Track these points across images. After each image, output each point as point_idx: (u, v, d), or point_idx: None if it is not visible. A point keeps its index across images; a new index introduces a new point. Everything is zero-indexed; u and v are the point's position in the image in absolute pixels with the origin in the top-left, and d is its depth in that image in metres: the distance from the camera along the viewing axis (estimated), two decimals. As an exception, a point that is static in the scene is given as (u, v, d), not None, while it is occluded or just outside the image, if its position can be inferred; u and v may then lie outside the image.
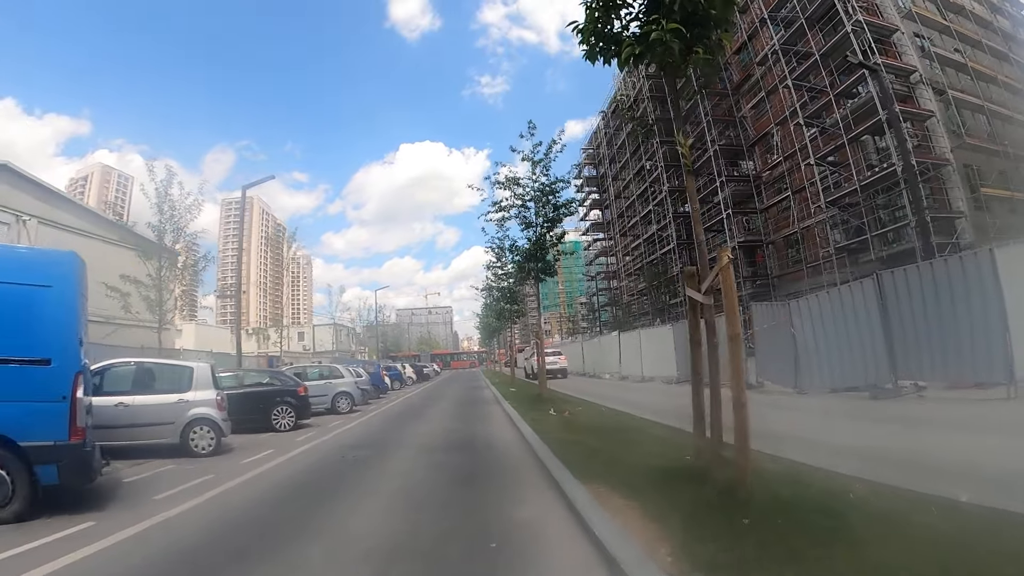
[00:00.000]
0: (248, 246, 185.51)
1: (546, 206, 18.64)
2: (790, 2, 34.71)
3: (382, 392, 30.79)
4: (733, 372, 5.59)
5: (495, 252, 30.56)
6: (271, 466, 9.74)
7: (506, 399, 19.99)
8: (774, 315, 18.23)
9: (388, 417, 18.92)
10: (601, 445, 9.40)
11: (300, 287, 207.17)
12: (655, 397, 18.97)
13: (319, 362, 32.08)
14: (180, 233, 24.99)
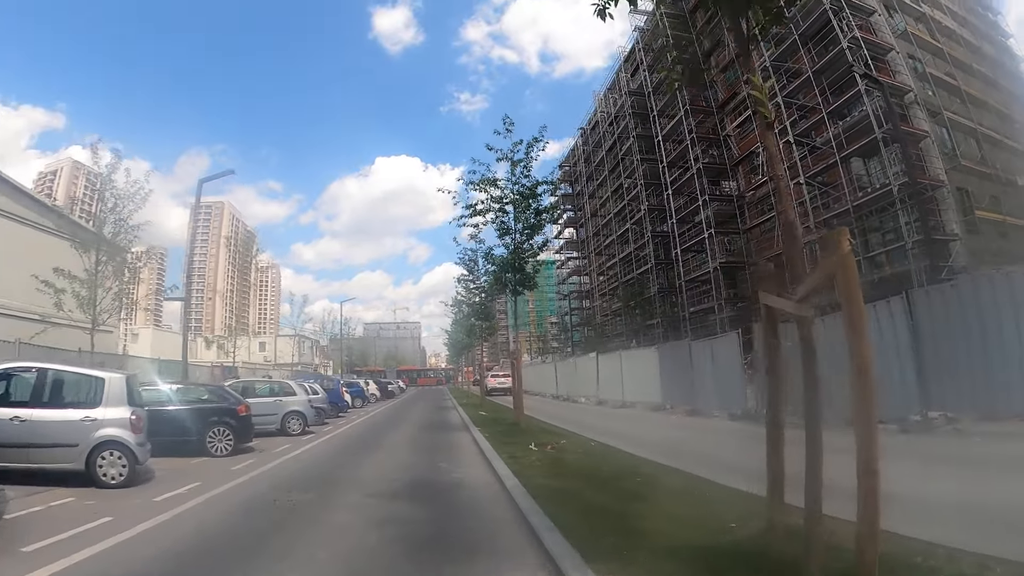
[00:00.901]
0: (216, 252, 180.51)
1: (526, 211, 16.60)
2: (781, 18, 33.37)
3: (342, 411, 28.20)
4: (861, 421, 3.54)
5: (467, 265, 28.74)
6: (185, 509, 7.67)
7: (476, 425, 17.64)
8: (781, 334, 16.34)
9: (342, 443, 16.43)
10: (605, 499, 7.25)
11: (267, 296, 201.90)
12: (646, 428, 16.89)
13: (269, 376, 29.45)
14: (122, 225, 22.18)
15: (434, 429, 19.37)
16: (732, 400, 17.42)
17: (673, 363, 21.17)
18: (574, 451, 11.66)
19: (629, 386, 24.25)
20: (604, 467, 9.70)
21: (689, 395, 19.70)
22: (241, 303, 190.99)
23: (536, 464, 10.05)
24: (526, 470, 9.39)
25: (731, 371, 17.76)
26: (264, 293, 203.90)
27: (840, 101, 30.59)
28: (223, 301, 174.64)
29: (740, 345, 17.83)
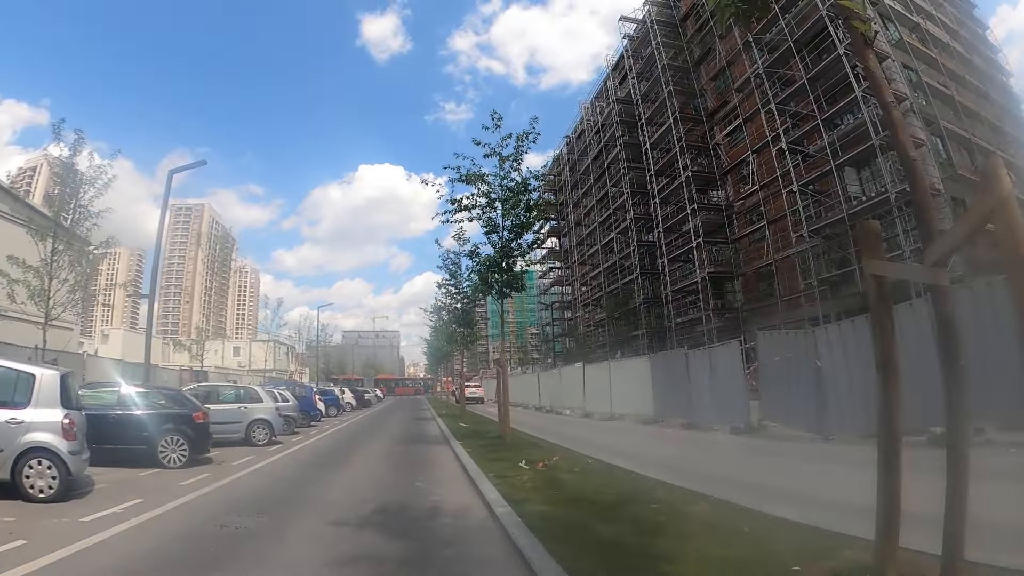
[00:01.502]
0: (194, 254, 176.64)
1: (515, 207, 15.23)
2: (776, 25, 32.68)
3: (314, 419, 26.48)
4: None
5: (449, 269, 27.20)
6: (112, 535, 6.27)
7: (457, 437, 16.04)
8: (787, 345, 15.09)
9: (311, 456, 14.74)
10: (622, 533, 5.83)
11: (246, 301, 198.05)
12: (643, 442, 15.50)
13: (234, 381, 27.68)
14: (83, 212, 20.27)
15: (412, 442, 17.71)
16: (734, 413, 16.11)
17: (667, 373, 19.85)
18: (570, 469, 10.18)
19: (618, 397, 22.87)
20: (610, 490, 8.24)
21: (685, 407, 18.39)
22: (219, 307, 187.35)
23: (529, 486, 8.57)
24: (518, 493, 7.92)
25: (732, 382, 16.46)
26: (243, 298, 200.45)
27: (836, 108, 29.79)
28: (200, 305, 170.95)
29: (742, 354, 16.57)
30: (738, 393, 16.17)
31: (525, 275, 16.30)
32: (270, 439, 17.48)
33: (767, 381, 15.62)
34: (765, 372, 15.67)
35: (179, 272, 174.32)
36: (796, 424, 14.30)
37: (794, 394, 14.44)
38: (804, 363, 14.07)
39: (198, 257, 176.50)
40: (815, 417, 13.58)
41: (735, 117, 37.92)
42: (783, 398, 14.92)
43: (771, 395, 15.44)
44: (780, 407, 15.07)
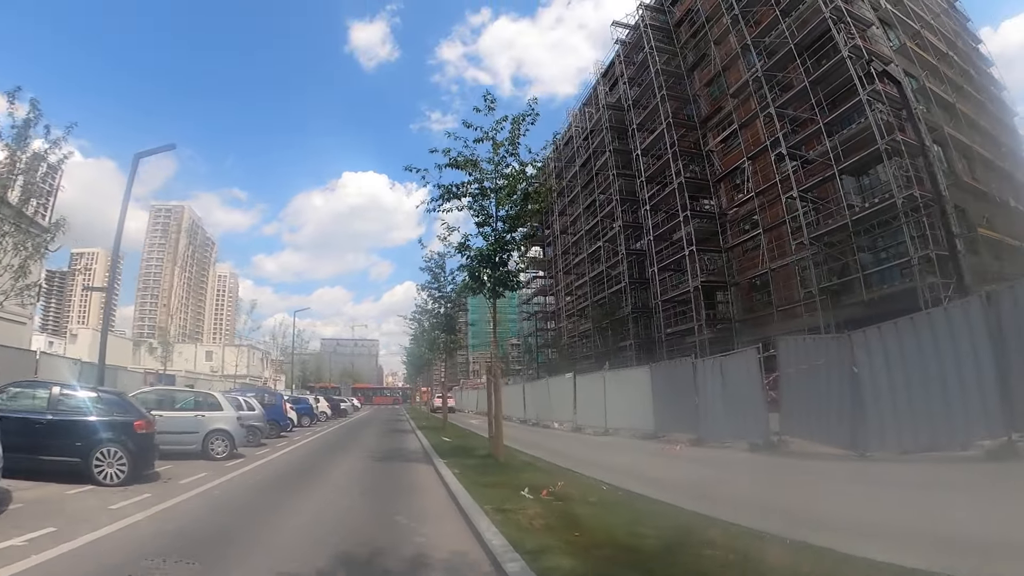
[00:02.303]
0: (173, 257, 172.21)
1: (511, 195, 13.38)
2: (776, 28, 31.42)
3: (284, 429, 24.28)
4: None
5: (432, 271, 25.20)
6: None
7: (441, 455, 13.99)
8: (815, 352, 13.38)
9: (274, 474, 12.58)
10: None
11: (224, 306, 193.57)
12: (653, 462, 13.67)
13: (191, 386, 25.41)
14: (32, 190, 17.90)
15: (390, 459, 15.55)
16: (751, 428, 14.40)
17: (670, 385, 18.07)
18: (584, 499, 8.25)
19: (614, 411, 21.02)
20: (645, 529, 6.34)
21: (691, 421, 16.60)
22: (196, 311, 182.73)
23: (540, 524, 6.63)
24: (529, 537, 5.97)
25: (749, 394, 14.74)
26: (220, 302, 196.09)
27: (838, 112, 28.51)
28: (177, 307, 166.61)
29: (760, 363, 14.81)
30: (756, 406, 14.47)
31: (520, 271, 14.34)
32: (230, 452, 15.37)
33: (789, 392, 13.90)
34: (787, 382, 13.96)
35: (157, 274, 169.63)
36: (825, 439, 12.64)
37: (823, 406, 12.77)
38: (837, 371, 12.41)
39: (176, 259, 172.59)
40: (849, 431, 11.94)
41: (729, 123, 36.59)
42: (809, 411, 13.23)
43: (794, 408, 13.73)
44: (805, 421, 13.37)
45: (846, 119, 28.85)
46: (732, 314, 35.99)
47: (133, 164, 21.08)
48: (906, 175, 25.78)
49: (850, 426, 11.96)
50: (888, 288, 26.09)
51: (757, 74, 31.71)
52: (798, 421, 13.59)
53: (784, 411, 14.07)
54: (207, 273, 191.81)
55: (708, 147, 38.61)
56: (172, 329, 55.26)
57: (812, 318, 27.36)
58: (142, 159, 20.48)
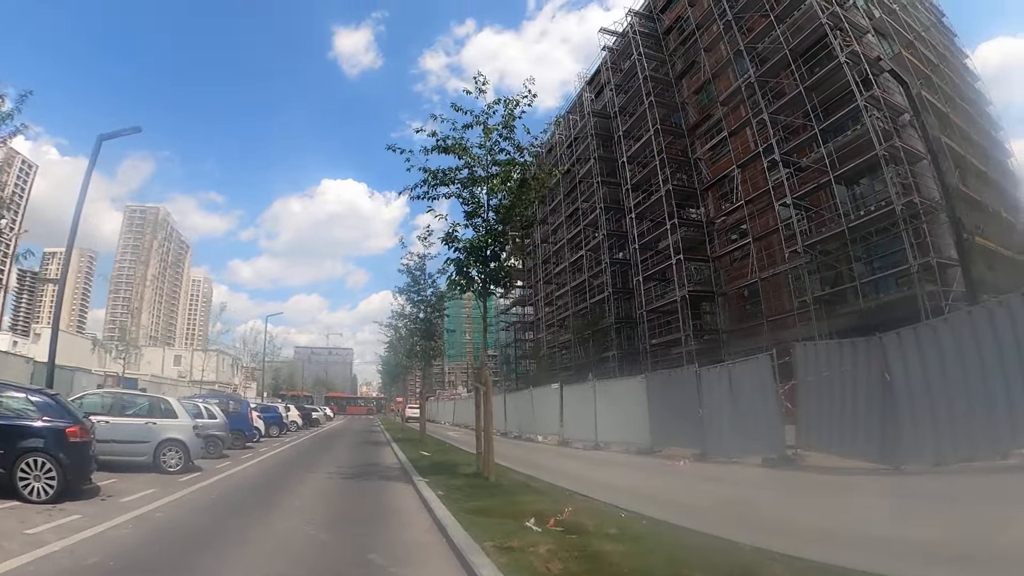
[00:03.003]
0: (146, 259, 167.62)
1: (505, 181, 11.85)
2: (770, 35, 30.55)
3: (250, 440, 22.33)
4: None
5: (412, 273, 23.48)
6: None
7: (421, 473, 12.15)
8: (836, 358, 11.98)
9: (230, 493, 10.72)
10: None
11: (197, 311, 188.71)
12: (662, 480, 12.11)
13: (143, 389, 23.42)
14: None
15: (363, 476, 13.62)
16: (763, 441, 12.98)
17: (670, 395, 16.58)
18: (602, 530, 6.55)
19: (605, 424, 19.44)
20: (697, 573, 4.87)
21: (694, 435, 15.11)
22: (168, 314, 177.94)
23: (559, 567, 4.98)
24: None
25: (762, 404, 13.31)
26: (194, 307, 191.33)
27: (833, 119, 27.55)
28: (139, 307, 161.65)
29: (774, 371, 13.40)
30: (770, 418, 13.06)
31: (513, 268, 12.70)
32: (185, 465, 13.54)
33: (808, 402, 12.48)
34: (805, 391, 12.55)
35: (130, 276, 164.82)
36: (849, 452, 11.30)
37: (848, 416, 11.43)
38: (865, 377, 11.07)
39: (150, 262, 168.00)
40: (878, 443, 10.60)
41: (718, 131, 35.60)
42: (831, 422, 11.85)
43: (813, 419, 12.32)
44: (826, 433, 11.99)
45: (838, 127, 27.96)
46: (719, 325, 34.78)
47: (96, 146, 19.35)
48: (903, 182, 24.92)
49: (879, 437, 10.65)
50: (885, 297, 25.11)
51: (750, 80, 30.74)
52: (817, 433, 12.21)
53: (801, 423, 12.65)
54: (181, 277, 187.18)
55: (696, 155, 37.56)
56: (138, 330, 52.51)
57: (806, 327, 26.20)
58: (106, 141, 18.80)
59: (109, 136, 19.79)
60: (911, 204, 23.85)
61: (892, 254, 25.94)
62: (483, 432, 11.38)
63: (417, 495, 9.87)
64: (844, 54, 26.77)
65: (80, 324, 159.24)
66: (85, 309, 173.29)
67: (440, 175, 12.00)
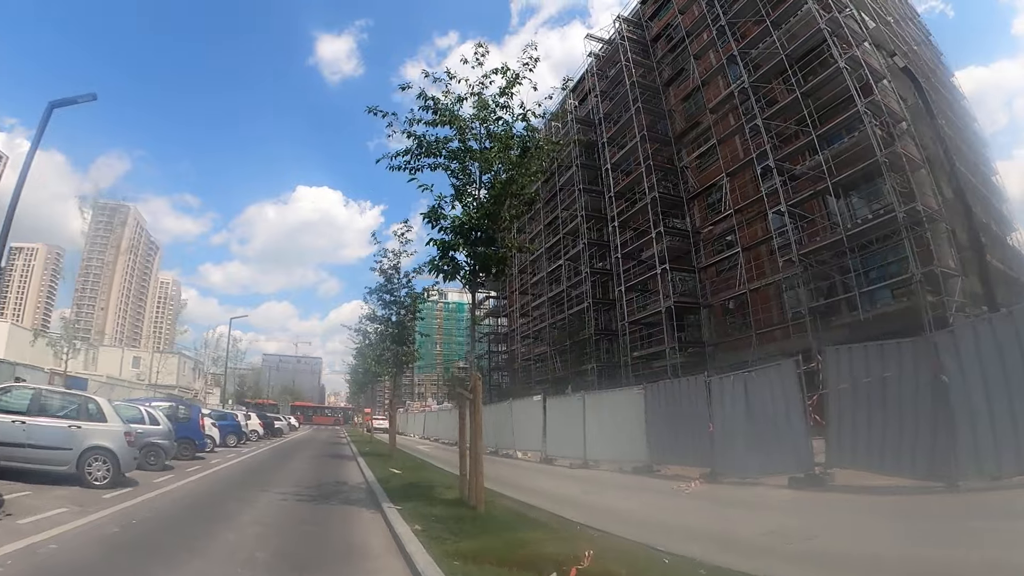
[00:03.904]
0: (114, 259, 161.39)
1: (505, 149, 9.93)
2: (765, 40, 29.40)
3: (201, 449, 19.90)
4: None
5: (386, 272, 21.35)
6: None
7: (393, 498, 9.79)
8: (876, 362, 10.20)
9: (157, 517, 8.34)
10: None
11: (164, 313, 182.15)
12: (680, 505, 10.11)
13: (66, 386, 20.85)
14: None
15: (323, 499, 11.06)
16: (787, 459, 11.13)
17: (672, 408, 14.68)
18: None
19: (596, 439, 17.40)
20: None
21: (702, 452, 13.22)
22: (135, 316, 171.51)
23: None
24: None
25: (785, 416, 11.48)
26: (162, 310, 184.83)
27: (829, 126, 26.37)
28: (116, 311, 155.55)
29: (800, 379, 11.63)
30: (796, 432, 11.25)
31: (510, 252, 10.66)
32: (114, 478, 11.32)
33: (841, 413, 10.68)
34: (837, 401, 10.75)
35: (97, 275, 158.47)
36: (893, 468, 9.58)
37: (890, 427, 9.69)
38: (912, 383, 9.38)
39: (117, 263, 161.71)
40: (927, 457, 8.90)
41: (706, 139, 34.29)
42: (870, 434, 10.08)
43: (847, 432, 10.55)
44: (863, 447, 10.23)
45: (831, 136, 26.86)
46: (705, 337, 33.20)
47: (46, 113, 17.26)
48: (902, 190, 23.82)
49: (929, 450, 8.97)
50: (881, 308, 23.79)
51: (744, 85, 29.47)
52: (852, 448, 10.43)
53: (832, 437, 10.84)
54: (149, 278, 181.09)
55: (682, 163, 36.18)
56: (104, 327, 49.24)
57: (800, 339, 24.79)
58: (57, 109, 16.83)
59: (61, 103, 17.63)
60: (913, 211, 22.67)
61: (887, 265, 24.83)
62: (470, 451, 9.29)
63: (387, 528, 7.71)
64: (844, 59, 25.64)
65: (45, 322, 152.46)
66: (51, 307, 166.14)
67: (427, 145, 10.04)
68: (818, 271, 26.08)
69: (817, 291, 26.22)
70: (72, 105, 17.86)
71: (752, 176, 30.28)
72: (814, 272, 25.96)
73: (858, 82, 25.40)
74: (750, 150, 29.92)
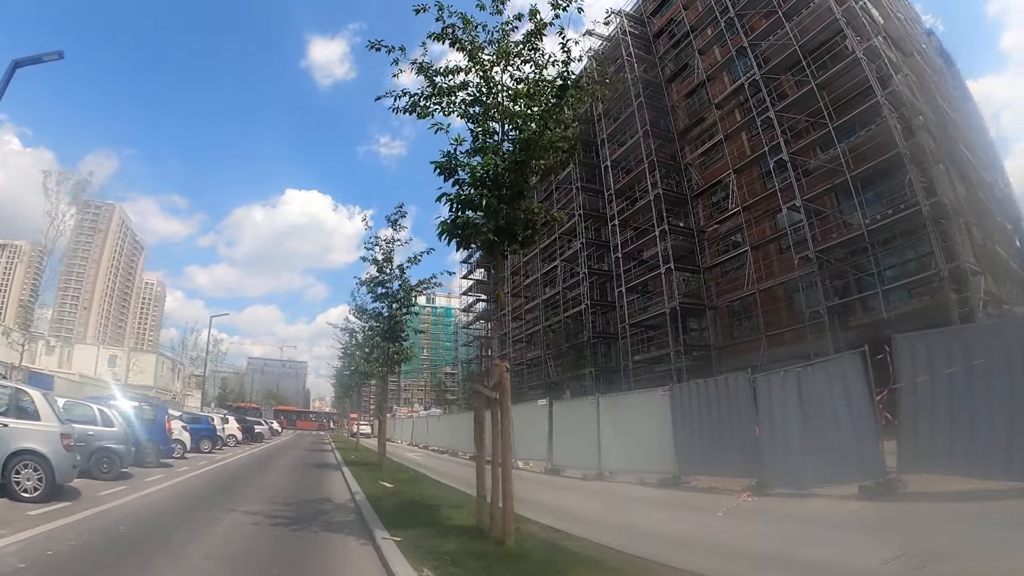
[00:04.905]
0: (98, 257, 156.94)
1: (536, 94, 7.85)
2: (775, 33, 27.82)
3: (166, 455, 17.49)
4: None
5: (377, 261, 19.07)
6: None
7: (389, 524, 7.67)
8: (963, 348, 8.48)
9: (87, 547, 6.20)
10: None
11: (149, 314, 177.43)
12: (748, 527, 8.38)
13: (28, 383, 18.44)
14: None
15: (300, 522, 8.55)
16: (854, 465, 9.35)
17: (705, 411, 12.68)
18: None
19: (612, 448, 15.28)
20: None
21: (746, 460, 11.25)
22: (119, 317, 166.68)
23: None
24: None
25: (848, 417, 9.72)
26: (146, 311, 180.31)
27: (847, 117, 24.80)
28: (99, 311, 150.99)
29: (867, 373, 9.66)
30: (863, 434, 9.48)
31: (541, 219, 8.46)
32: (47, 489, 9.18)
33: (919, 410, 8.96)
34: (914, 396, 9.03)
35: (80, 274, 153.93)
36: (988, 471, 7.99)
37: (982, 423, 8.05)
38: (1006, 370, 7.79)
39: (101, 261, 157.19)
40: None
41: (710, 136, 32.61)
42: (956, 432, 8.41)
43: (926, 431, 8.87)
44: (944, 447, 8.53)
45: (846, 131, 25.25)
46: (711, 340, 31.29)
47: (8, 72, 15.20)
48: (924, 185, 22.24)
49: None
50: (904, 306, 22.15)
51: (755, 77, 27.79)
52: (931, 450, 8.75)
53: (907, 438, 9.12)
54: (133, 278, 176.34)
55: (686, 160, 34.42)
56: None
57: (817, 341, 23.05)
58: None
59: (26, 62, 15.52)
60: (938, 205, 21.02)
61: (905, 263, 23.35)
62: (497, 465, 7.06)
63: (383, 570, 5.60)
64: (861, 49, 24.03)
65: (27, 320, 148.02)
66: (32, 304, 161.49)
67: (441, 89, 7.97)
68: (835, 269, 24.35)
69: (834, 289, 24.51)
70: (37, 64, 15.82)
71: (760, 173, 28.70)
72: (838, 268, 24.29)
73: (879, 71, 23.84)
74: (758, 145, 28.38)
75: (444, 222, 7.93)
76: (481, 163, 7.54)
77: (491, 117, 7.91)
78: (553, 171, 8.27)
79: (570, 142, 8.06)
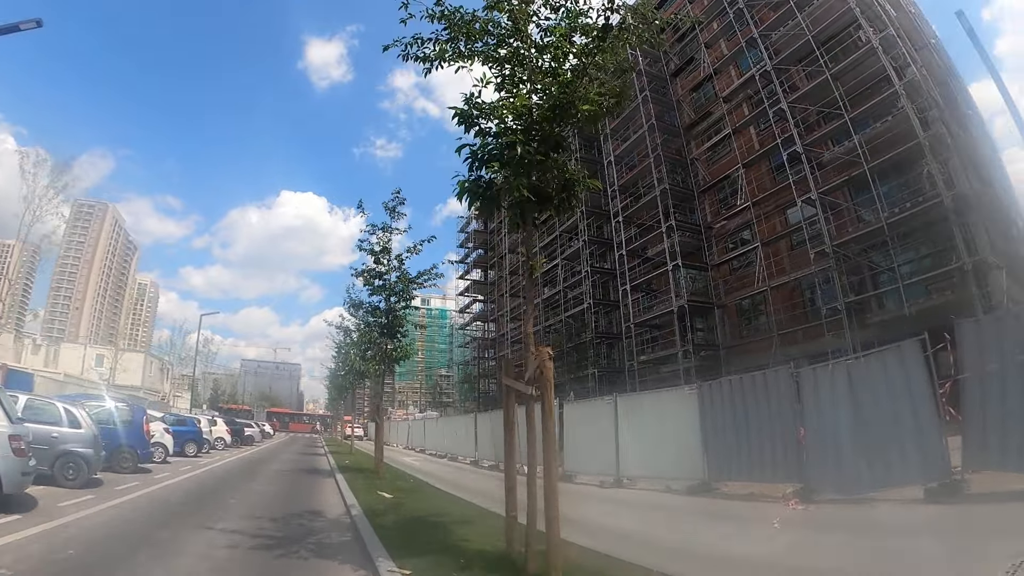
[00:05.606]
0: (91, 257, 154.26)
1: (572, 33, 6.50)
2: (786, 24, 26.70)
3: (144, 459, 15.95)
4: None
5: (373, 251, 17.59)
6: None
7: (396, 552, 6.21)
8: None
9: None
10: None
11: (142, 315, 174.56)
12: (822, 542, 7.35)
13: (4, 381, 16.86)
14: None
15: (286, 546, 6.87)
16: (914, 465, 8.34)
17: (739, 411, 11.36)
18: None
19: (633, 452, 14.01)
20: None
21: (788, 464, 10.11)
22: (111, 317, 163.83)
23: None
24: None
25: (909, 412, 8.61)
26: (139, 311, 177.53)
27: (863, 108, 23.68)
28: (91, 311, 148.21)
29: (930, 366, 8.43)
30: (925, 431, 8.42)
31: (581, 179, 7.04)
32: (-1, 497, 7.79)
33: (985, 402, 8.02)
34: (981, 388, 8.09)
35: (72, 274, 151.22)
36: None
37: None
38: None
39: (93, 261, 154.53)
40: None
41: (717, 130, 31.41)
42: None
43: (996, 426, 7.86)
44: (1016, 443, 7.50)
45: (859, 123, 24.14)
46: (719, 339, 29.96)
47: None
48: (944, 178, 21.16)
49: None
50: (924, 302, 20.99)
51: (766, 68, 26.64)
52: (1001, 446, 7.74)
53: (973, 434, 8.16)
54: (126, 278, 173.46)
55: (692, 156, 33.17)
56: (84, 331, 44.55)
57: (834, 338, 21.90)
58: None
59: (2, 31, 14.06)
60: (959, 197, 19.97)
61: (921, 258, 22.45)
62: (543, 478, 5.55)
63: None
64: (878, 38, 22.91)
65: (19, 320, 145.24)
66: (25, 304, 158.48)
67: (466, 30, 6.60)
68: (851, 264, 23.15)
69: (849, 287, 23.33)
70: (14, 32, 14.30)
71: (769, 167, 27.63)
72: (849, 265, 23.09)
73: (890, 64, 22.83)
74: (767, 139, 27.30)
75: (463, 181, 6.57)
76: (514, 104, 6.17)
77: (521, 62, 6.59)
78: (598, 119, 6.83)
79: (623, 87, 6.74)
